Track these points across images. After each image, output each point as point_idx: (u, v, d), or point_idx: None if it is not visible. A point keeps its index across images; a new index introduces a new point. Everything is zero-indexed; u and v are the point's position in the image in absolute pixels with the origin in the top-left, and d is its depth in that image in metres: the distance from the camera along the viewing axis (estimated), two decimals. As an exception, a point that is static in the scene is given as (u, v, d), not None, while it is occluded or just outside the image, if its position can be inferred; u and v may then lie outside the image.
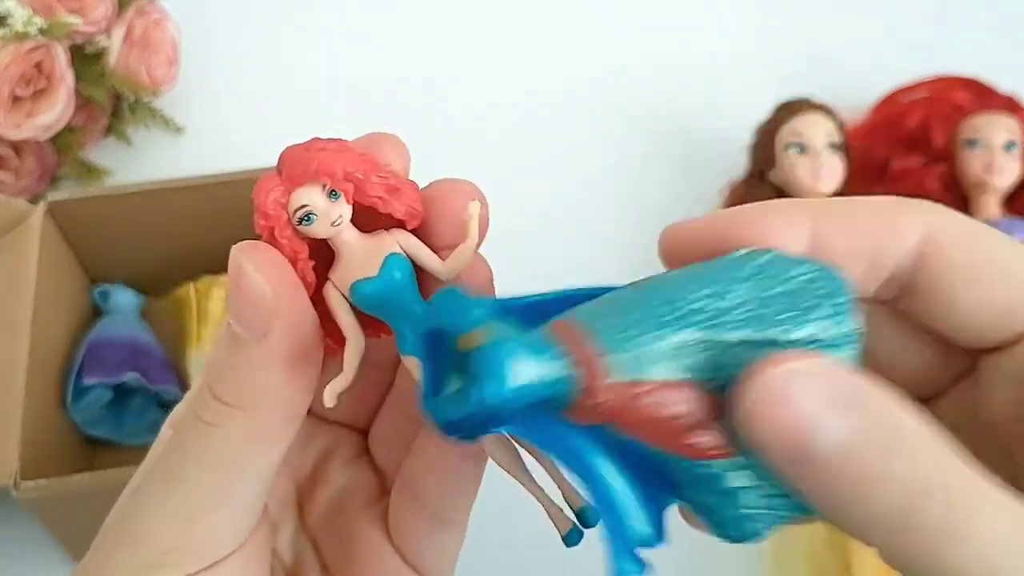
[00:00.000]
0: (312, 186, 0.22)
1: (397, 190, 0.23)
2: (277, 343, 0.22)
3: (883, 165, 0.69)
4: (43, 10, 0.63)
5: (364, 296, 0.23)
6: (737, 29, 0.82)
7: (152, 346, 0.57)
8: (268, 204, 0.22)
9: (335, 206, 0.22)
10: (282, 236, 0.22)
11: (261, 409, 0.22)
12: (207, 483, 0.22)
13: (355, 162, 0.22)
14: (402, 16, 0.81)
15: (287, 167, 0.22)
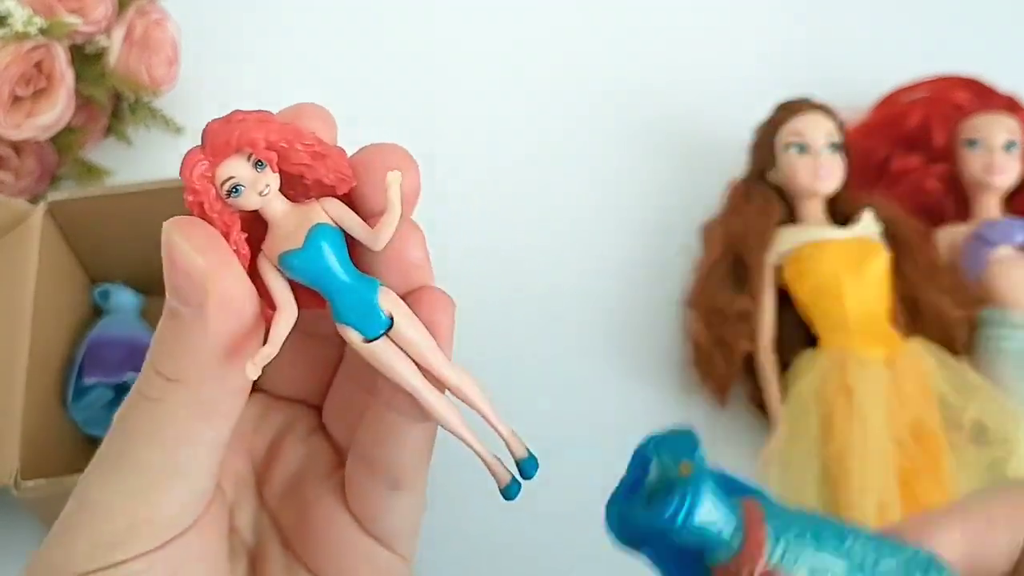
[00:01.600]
0: (237, 158, 0.22)
1: (323, 156, 0.23)
2: (213, 314, 0.22)
3: (883, 165, 0.69)
4: (43, 10, 0.63)
5: (292, 267, 0.23)
6: (737, 29, 0.82)
7: (152, 346, 0.57)
8: (194, 179, 0.22)
9: (261, 176, 0.22)
10: (212, 210, 0.22)
11: (201, 382, 0.22)
12: (155, 459, 0.22)
13: (278, 131, 0.23)
14: (402, 16, 0.81)
15: (210, 140, 0.22)
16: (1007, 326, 0.60)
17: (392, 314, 0.23)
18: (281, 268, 0.23)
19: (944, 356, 0.58)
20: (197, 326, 0.22)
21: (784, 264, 0.61)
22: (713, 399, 0.61)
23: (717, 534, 0.22)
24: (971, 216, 0.65)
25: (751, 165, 0.66)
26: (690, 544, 0.23)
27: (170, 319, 0.23)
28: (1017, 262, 0.61)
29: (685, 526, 0.22)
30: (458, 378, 0.24)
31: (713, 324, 0.60)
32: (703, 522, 0.22)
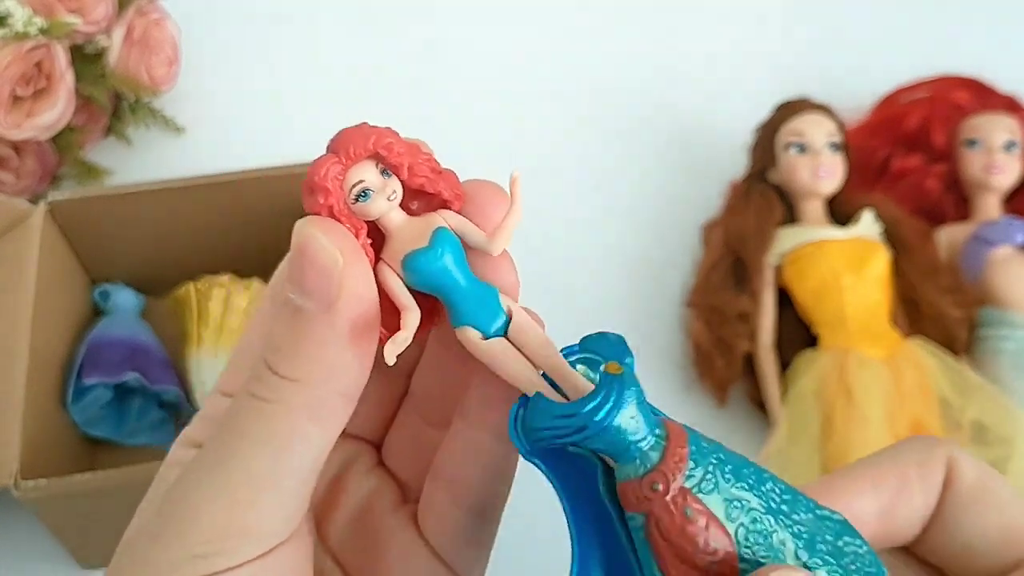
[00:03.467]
0: (368, 163, 0.22)
1: (441, 173, 0.23)
2: (343, 312, 0.22)
3: (883, 165, 0.69)
4: (43, 10, 0.63)
5: (416, 268, 0.23)
6: (737, 29, 0.82)
7: (152, 346, 0.57)
8: (327, 180, 0.22)
9: (389, 182, 0.22)
10: (340, 213, 0.22)
11: (321, 381, 0.22)
12: (262, 462, 0.22)
13: (405, 144, 0.23)
14: (402, 16, 0.81)
15: (343, 145, 0.23)
16: (1006, 326, 0.60)
17: (511, 312, 0.23)
18: (405, 271, 0.23)
19: (944, 356, 0.58)
20: (322, 323, 0.22)
21: (784, 264, 0.61)
22: (713, 399, 0.61)
23: (634, 443, 0.21)
24: (971, 216, 0.65)
25: (751, 165, 0.66)
26: (603, 450, 0.22)
27: (291, 316, 0.22)
28: (1016, 262, 0.61)
29: (604, 425, 0.21)
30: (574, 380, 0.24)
31: (713, 324, 0.60)
32: (623, 425, 0.21)
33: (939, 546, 0.25)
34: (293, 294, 0.22)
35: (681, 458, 0.21)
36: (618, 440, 0.21)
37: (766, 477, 0.22)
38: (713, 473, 0.21)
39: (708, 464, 0.21)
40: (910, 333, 0.60)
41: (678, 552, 0.21)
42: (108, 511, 0.49)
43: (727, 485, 0.21)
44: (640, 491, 0.21)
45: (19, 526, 0.54)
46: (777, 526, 0.21)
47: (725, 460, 0.22)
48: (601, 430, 0.21)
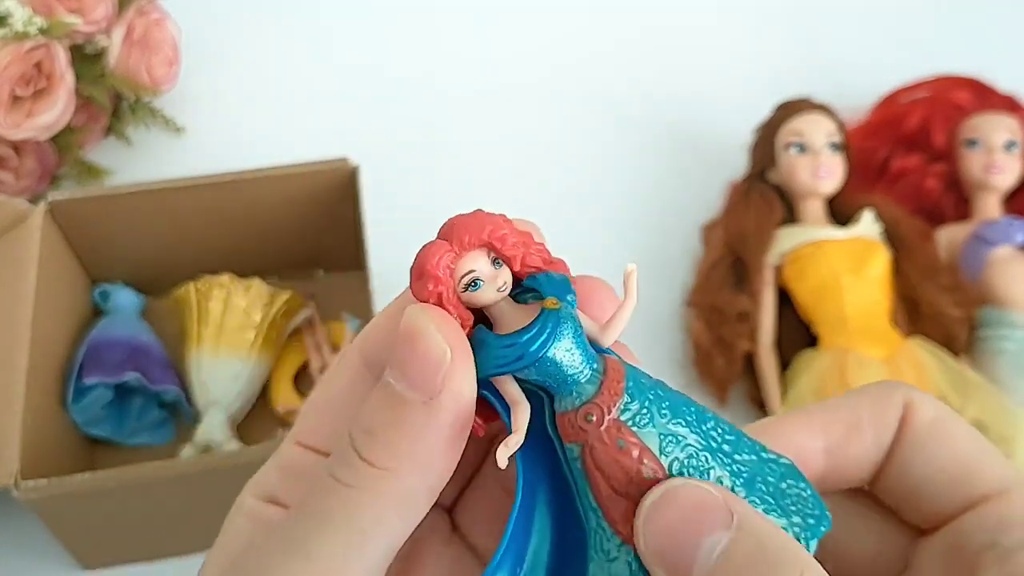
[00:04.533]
0: (479, 253, 0.22)
1: (553, 263, 0.23)
2: (444, 408, 0.21)
3: (883, 165, 0.69)
4: (43, 10, 0.63)
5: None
6: (737, 29, 0.82)
7: (152, 346, 0.57)
8: (439, 268, 0.22)
9: (500, 273, 0.22)
10: (449, 302, 0.22)
11: (411, 474, 0.22)
12: (339, 548, 0.21)
13: (518, 234, 0.23)
14: (401, 15, 0.81)
15: (456, 233, 0.22)
16: (1006, 326, 0.60)
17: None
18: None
19: (944, 356, 0.58)
20: (422, 416, 0.21)
21: (784, 264, 0.61)
22: (713, 398, 0.61)
23: (571, 376, 0.22)
24: (971, 216, 0.65)
25: (751, 165, 0.66)
26: (543, 382, 0.22)
27: (389, 401, 0.22)
28: (1017, 262, 0.61)
29: (539, 355, 0.21)
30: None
31: (713, 324, 0.60)
32: (558, 357, 0.22)
33: (895, 486, 0.25)
34: (394, 380, 0.22)
35: (617, 392, 0.22)
36: (555, 372, 0.22)
37: (708, 417, 0.23)
38: (649, 408, 0.22)
39: (645, 399, 0.22)
40: (910, 333, 0.60)
41: (611, 482, 0.22)
42: (108, 511, 0.50)
43: (663, 420, 0.22)
44: (576, 422, 0.22)
45: (19, 526, 0.54)
46: (715, 463, 0.22)
47: (664, 397, 0.22)
48: (537, 359, 0.22)
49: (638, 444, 0.22)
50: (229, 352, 0.56)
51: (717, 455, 0.22)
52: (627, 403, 0.22)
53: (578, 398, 0.22)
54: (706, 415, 0.23)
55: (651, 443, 0.22)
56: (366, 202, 0.56)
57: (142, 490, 0.48)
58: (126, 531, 0.52)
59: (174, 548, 0.54)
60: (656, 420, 0.22)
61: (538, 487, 0.23)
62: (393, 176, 0.67)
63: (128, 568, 0.54)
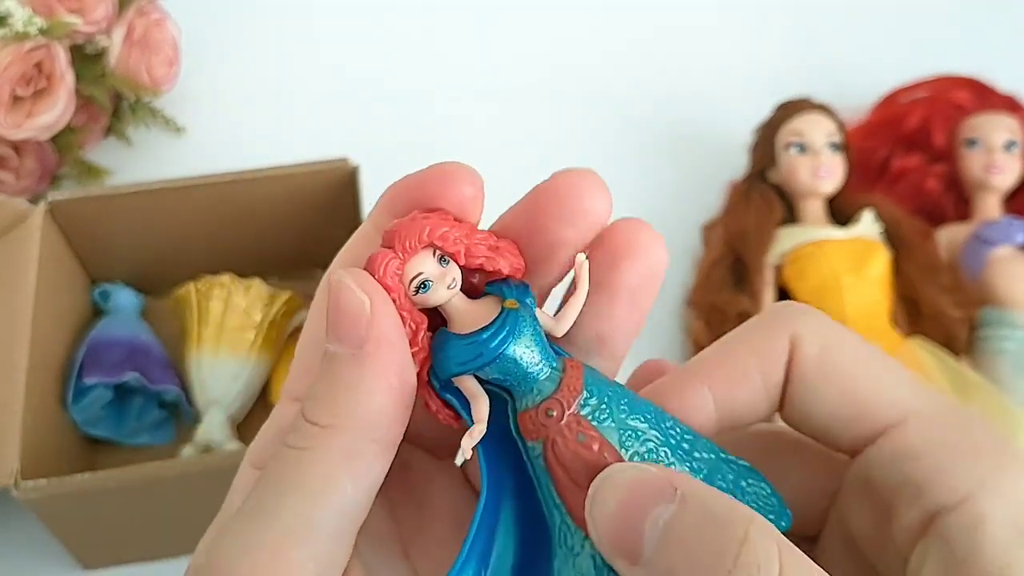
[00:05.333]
0: (424, 254, 0.23)
1: (499, 248, 0.24)
2: (372, 356, 0.22)
3: (883, 165, 0.69)
4: (43, 10, 0.63)
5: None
6: (737, 29, 0.82)
7: (152, 346, 0.57)
8: (387, 276, 0.22)
9: (447, 270, 0.23)
10: (402, 308, 0.23)
11: (352, 427, 0.22)
12: (292, 511, 0.21)
13: (459, 227, 0.23)
14: (401, 16, 0.81)
15: (399, 238, 0.23)
16: (1006, 326, 0.60)
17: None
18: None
19: (944, 356, 0.58)
20: (353, 369, 0.22)
21: (784, 264, 0.61)
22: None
23: (530, 374, 0.23)
24: (971, 216, 0.65)
25: (751, 165, 0.66)
26: (504, 380, 0.23)
27: (325, 365, 0.22)
28: (1016, 262, 0.61)
29: (498, 352, 0.22)
30: None
31: (713, 323, 0.60)
32: (517, 355, 0.22)
33: (797, 423, 0.24)
34: (328, 343, 0.22)
35: (576, 388, 0.23)
36: (515, 369, 0.23)
37: (667, 416, 0.23)
38: (608, 404, 0.23)
39: (604, 396, 0.23)
40: (910, 333, 0.60)
41: (572, 476, 0.22)
42: (108, 511, 0.50)
43: (622, 416, 0.22)
44: (537, 418, 0.22)
45: (19, 526, 0.54)
46: (675, 459, 0.22)
47: (622, 395, 0.23)
48: (496, 357, 0.22)
49: (598, 438, 0.22)
50: (229, 352, 0.56)
51: (677, 451, 0.23)
52: (586, 398, 0.22)
53: (539, 395, 0.23)
54: (664, 415, 0.23)
55: (611, 437, 0.22)
56: (366, 202, 0.56)
57: (142, 490, 0.48)
58: (126, 531, 0.52)
59: (174, 548, 0.53)
60: (615, 415, 0.22)
61: (502, 489, 0.23)
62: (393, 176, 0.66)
63: (128, 568, 0.54)
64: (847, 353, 0.23)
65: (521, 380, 0.23)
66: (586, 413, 0.22)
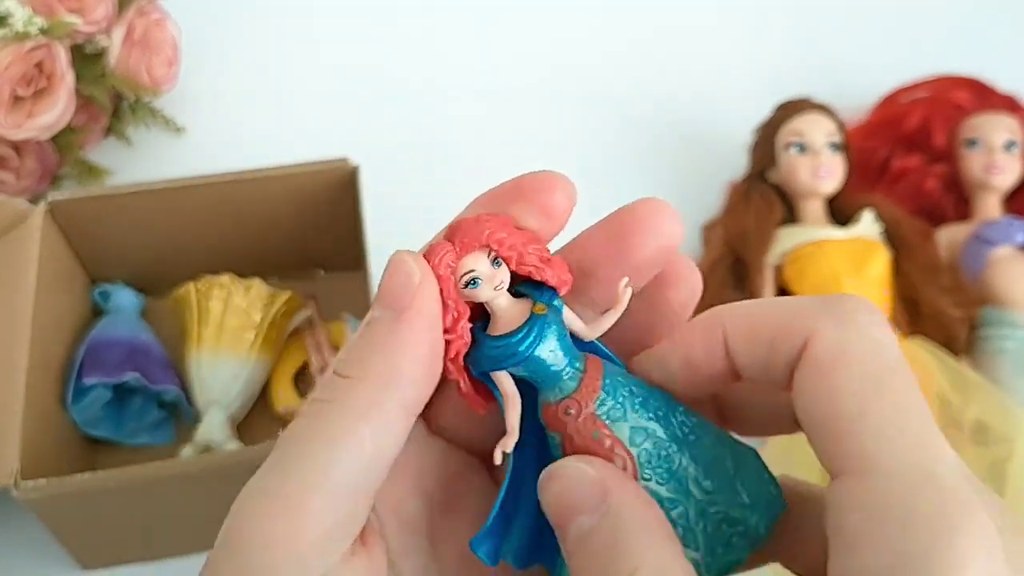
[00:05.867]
0: (479, 253, 0.25)
1: (550, 261, 0.25)
2: (408, 322, 0.23)
3: (883, 165, 0.69)
4: (43, 10, 0.63)
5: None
6: (737, 29, 0.82)
7: (152, 346, 0.57)
8: (440, 267, 0.24)
9: (497, 272, 0.25)
10: (448, 296, 0.24)
11: (378, 383, 0.23)
12: (311, 461, 0.22)
13: (517, 235, 0.25)
14: (402, 16, 0.81)
15: (459, 235, 0.25)
16: (1007, 326, 0.60)
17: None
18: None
19: (944, 356, 0.58)
20: (387, 329, 0.23)
21: (784, 264, 0.61)
22: (713, 399, 0.61)
23: (555, 373, 0.25)
24: (971, 216, 0.65)
25: (751, 165, 0.66)
26: (531, 377, 0.25)
27: (365, 327, 0.24)
28: (1016, 262, 0.61)
29: (527, 355, 0.24)
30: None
31: (713, 324, 0.60)
32: (543, 356, 0.25)
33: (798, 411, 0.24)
34: (373, 309, 0.24)
35: (594, 389, 0.25)
36: (540, 369, 0.25)
37: (678, 408, 0.25)
38: (623, 404, 0.25)
39: (619, 396, 0.25)
40: (910, 333, 0.60)
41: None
42: (108, 511, 0.50)
43: (635, 415, 0.25)
44: (557, 414, 0.25)
45: (19, 526, 0.54)
46: (680, 451, 0.25)
47: (637, 394, 0.25)
48: (524, 359, 0.24)
49: (611, 436, 0.24)
50: (229, 352, 0.56)
51: (683, 444, 0.25)
52: (603, 399, 0.25)
53: (560, 393, 0.25)
54: (675, 406, 0.25)
55: (622, 435, 0.24)
56: (366, 202, 0.56)
57: (142, 490, 0.48)
58: (126, 531, 0.52)
59: (174, 548, 0.54)
60: (628, 415, 0.25)
61: (527, 472, 0.25)
62: (393, 176, 0.67)
63: (128, 568, 0.54)
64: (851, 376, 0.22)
65: (546, 378, 0.25)
66: (601, 413, 0.24)
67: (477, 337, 0.25)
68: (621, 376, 0.25)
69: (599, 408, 0.24)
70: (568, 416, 0.25)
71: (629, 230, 0.25)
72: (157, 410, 0.57)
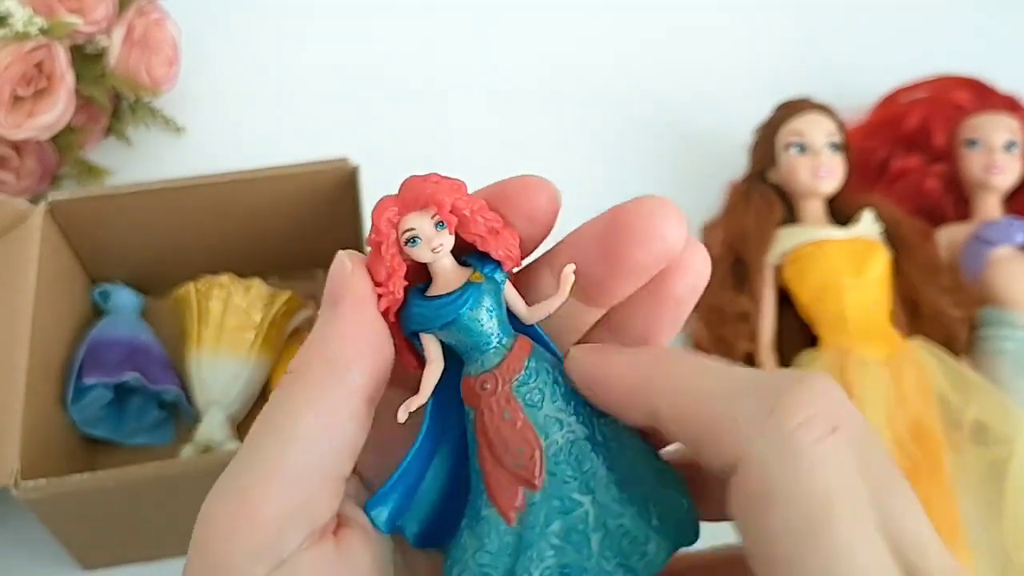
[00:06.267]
0: (422, 213, 0.24)
1: (498, 233, 0.25)
2: (345, 310, 0.24)
3: (883, 165, 0.69)
4: (43, 10, 0.63)
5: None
6: (737, 29, 0.82)
7: (152, 346, 0.57)
8: (381, 222, 0.24)
9: (438, 235, 0.24)
10: (387, 252, 0.24)
11: (319, 369, 0.23)
12: (262, 454, 0.23)
13: (466, 200, 0.25)
14: (402, 16, 0.81)
15: (404, 192, 0.25)
16: (1007, 326, 0.60)
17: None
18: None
19: (944, 356, 0.58)
20: (329, 321, 0.24)
21: (784, 264, 0.61)
22: (713, 399, 0.61)
23: (479, 344, 0.24)
24: (971, 216, 0.65)
25: (751, 165, 0.66)
26: (456, 346, 0.25)
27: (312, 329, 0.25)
28: (1016, 262, 0.61)
29: (450, 318, 0.24)
30: None
31: (713, 324, 0.60)
32: (469, 324, 0.24)
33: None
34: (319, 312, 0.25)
35: (516, 367, 0.24)
36: (466, 338, 0.24)
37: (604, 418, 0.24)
38: (543, 390, 0.24)
39: (542, 382, 0.24)
40: (910, 333, 0.60)
41: (491, 448, 0.24)
42: (108, 511, 0.50)
43: (553, 405, 0.24)
44: (474, 387, 0.24)
45: (19, 526, 0.54)
46: (593, 455, 0.24)
47: (562, 385, 0.24)
48: (448, 322, 0.24)
49: (522, 419, 0.24)
50: (229, 352, 0.56)
51: (600, 449, 0.24)
52: (523, 380, 0.24)
53: (482, 366, 0.24)
54: (602, 415, 0.24)
55: (536, 420, 0.24)
56: (366, 202, 0.56)
57: (142, 490, 0.48)
58: (126, 531, 0.52)
59: (174, 548, 0.53)
60: (547, 403, 0.24)
61: (445, 438, 0.25)
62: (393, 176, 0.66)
63: (128, 568, 0.54)
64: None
65: (470, 348, 0.24)
66: (518, 393, 0.24)
67: (409, 295, 0.25)
68: (550, 364, 0.25)
69: (517, 388, 0.24)
70: (484, 391, 0.24)
71: (623, 233, 0.24)
72: (157, 410, 0.57)
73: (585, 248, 0.25)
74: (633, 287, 0.25)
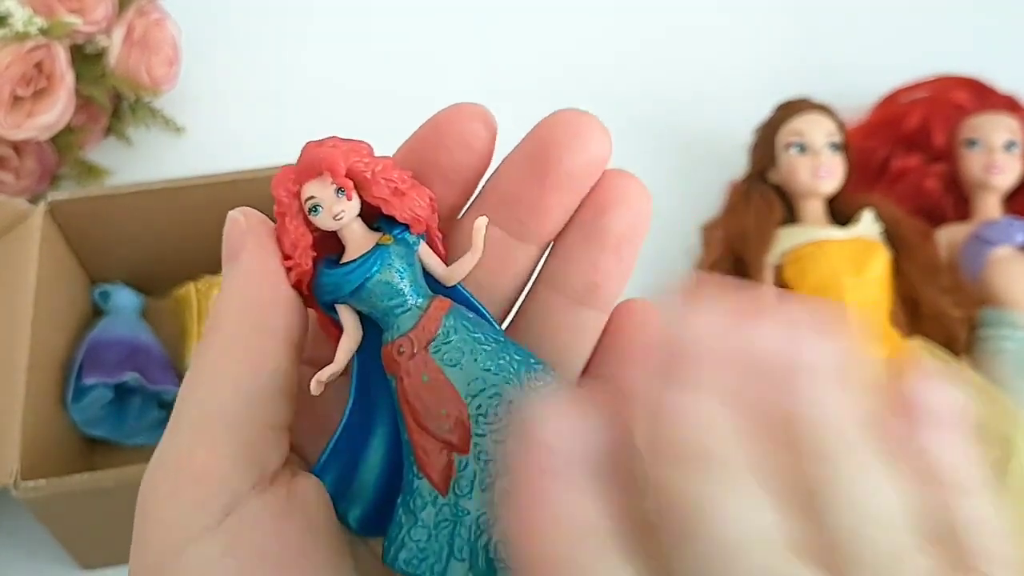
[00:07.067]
0: (322, 180, 0.23)
1: (403, 195, 0.24)
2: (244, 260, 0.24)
3: (883, 165, 0.69)
4: (43, 10, 0.63)
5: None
6: (737, 29, 0.82)
7: (152, 346, 0.57)
8: (280, 192, 0.24)
9: (339, 201, 0.23)
10: (291, 223, 0.24)
11: (229, 320, 0.24)
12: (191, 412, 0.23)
13: (365, 163, 0.24)
14: (402, 16, 0.81)
15: (301, 160, 0.24)
16: (1007, 326, 0.60)
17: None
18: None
19: (944, 356, 0.58)
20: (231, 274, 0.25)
21: (784, 264, 0.61)
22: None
23: (393, 308, 0.23)
24: (971, 216, 0.65)
25: (751, 165, 0.66)
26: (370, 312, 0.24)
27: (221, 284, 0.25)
28: (1016, 262, 0.61)
29: (356, 284, 0.23)
30: None
31: (713, 324, 0.60)
32: (378, 288, 0.23)
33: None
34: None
35: (431, 329, 0.23)
36: (377, 303, 0.23)
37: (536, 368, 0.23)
38: (462, 349, 0.23)
39: (461, 341, 0.23)
40: (910, 333, 0.60)
41: (415, 415, 0.23)
42: (108, 511, 0.50)
43: (475, 364, 0.23)
44: (391, 353, 0.23)
45: (19, 526, 0.54)
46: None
47: (483, 342, 0.23)
48: (355, 288, 0.23)
49: (442, 381, 0.23)
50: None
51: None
52: (441, 339, 0.23)
53: (397, 330, 0.23)
54: (532, 363, 0.23)
55: (457, 382, 0.23)
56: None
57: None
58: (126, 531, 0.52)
59: (174, 548, 0.53)
60: (466, 362, 0.23)
61: (382, 418, 0.24)
62: (393, 176, 0.67)
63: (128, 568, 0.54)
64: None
65: (384, 315, 0.23)
66: (436, 355, 0.23)
67: (319, 265, 0.24)
68: (470, 322, 0.23)
69: (434, 351, 0.23)
70: (400, 355, 0.23)
71: (548, 146, 0.24)
72: (157, 410, 0.57)
73: (512, 174, 0.25)
74: (565, 209, 0.24)
